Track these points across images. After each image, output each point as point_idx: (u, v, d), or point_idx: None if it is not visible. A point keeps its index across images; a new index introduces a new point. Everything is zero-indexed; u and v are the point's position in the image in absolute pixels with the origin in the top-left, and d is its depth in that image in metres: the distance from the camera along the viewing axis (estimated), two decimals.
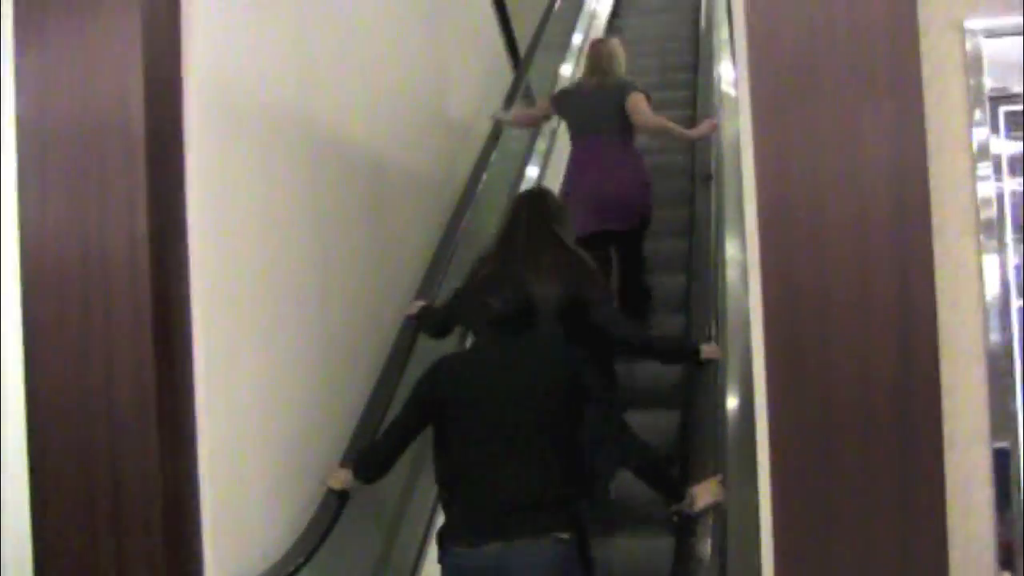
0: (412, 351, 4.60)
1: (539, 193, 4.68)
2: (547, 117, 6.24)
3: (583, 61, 6.23)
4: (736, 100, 6.00)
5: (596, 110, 5.54)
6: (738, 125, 5.21)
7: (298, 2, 3.97)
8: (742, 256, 5.00)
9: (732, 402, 4.03)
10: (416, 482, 4.47)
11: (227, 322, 3.28)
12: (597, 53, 5.81)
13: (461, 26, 6.47)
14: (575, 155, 5.64)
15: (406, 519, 4.43)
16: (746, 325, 3.56)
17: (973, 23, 2.47)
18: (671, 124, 5.66)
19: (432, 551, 3.51)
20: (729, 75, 6.43)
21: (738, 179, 5.51)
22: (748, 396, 3.40)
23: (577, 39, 8.37)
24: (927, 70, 2.46)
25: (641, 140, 5.77)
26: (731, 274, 4.86)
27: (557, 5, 8.33)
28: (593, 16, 9.10)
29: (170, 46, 3.12)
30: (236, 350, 3.33)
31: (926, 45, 2.46)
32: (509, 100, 6.86)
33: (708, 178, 5.49)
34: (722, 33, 6.90)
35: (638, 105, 5.42)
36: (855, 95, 2.44)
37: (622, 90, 5.50)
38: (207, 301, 3.15)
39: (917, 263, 2.42)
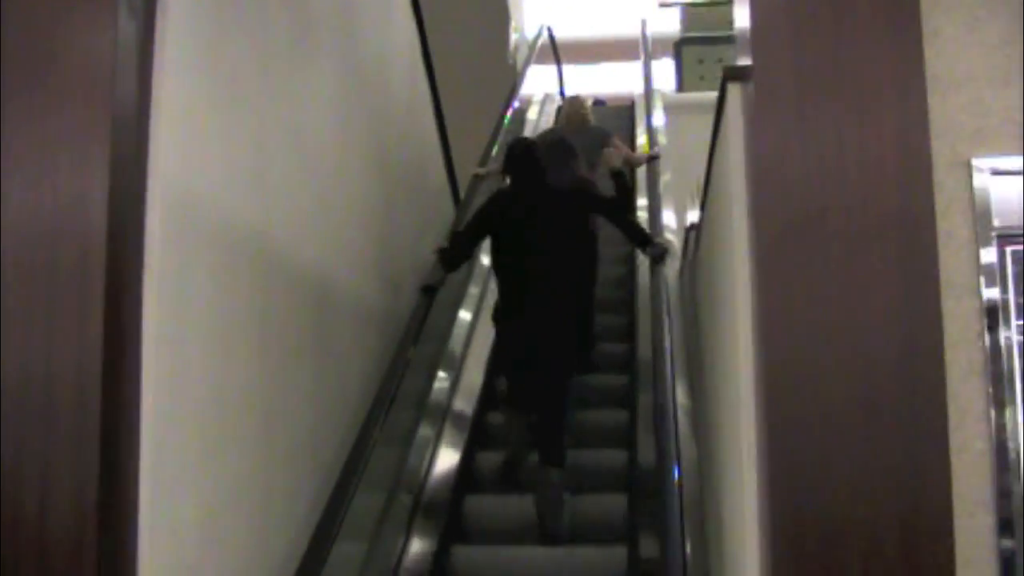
0: (352, 490, 4.40)
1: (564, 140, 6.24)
2: None
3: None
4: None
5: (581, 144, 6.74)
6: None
7: (259, 119, 3.86)
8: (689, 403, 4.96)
9: None
10: None
11: (174, 445, 3.10)
12: (576, 105, 7.58)
13: (408, 158, 6.43)
14: None
15: None
16: None
17: (980, 161, 2.45)
18: (635, 154, 7.92)
19: None
20: (671, 221, 6.88)
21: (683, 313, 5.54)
22: None
23: None
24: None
25: None
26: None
27: (495, 151, 8.38)
28: None
29: (137, 156, 2.98)
30: (182, 472, 3.14)
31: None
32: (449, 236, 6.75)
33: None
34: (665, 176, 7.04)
35: (617, 143, 7.24)
36: (864, 233, 2.39)
37: (605, 133, 7.29)
38: (156, 421, 2.95)
39: (929, 412, 2.34)
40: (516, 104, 10.00)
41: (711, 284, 3.85)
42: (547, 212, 5.24)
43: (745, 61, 2.66)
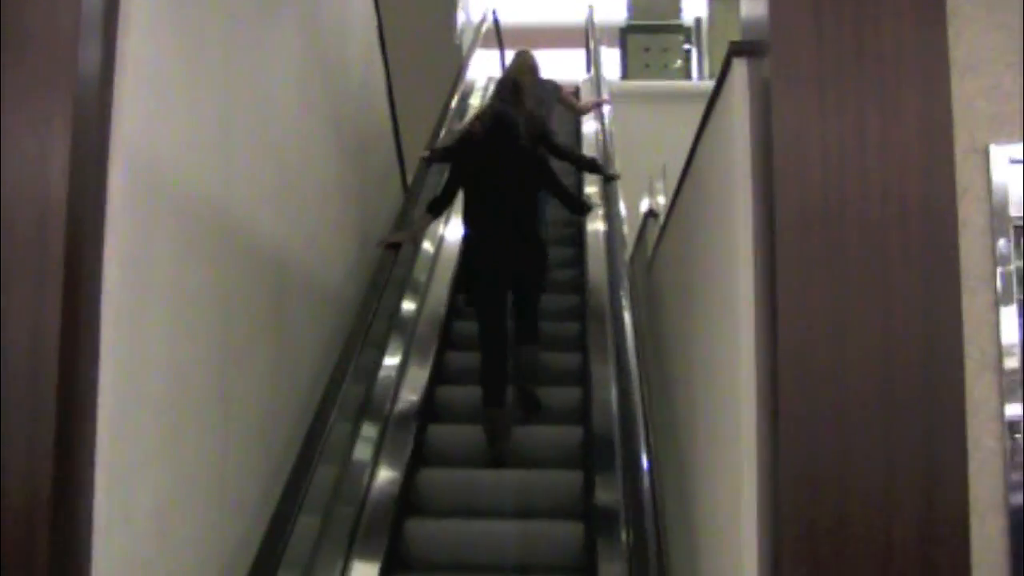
0: (310, 473, 4.23)
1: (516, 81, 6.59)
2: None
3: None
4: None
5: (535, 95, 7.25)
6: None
7: (224, 84, 3.68)
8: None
9: None
10: None
11: (132, 428, 2.92)
12: (527, 57, 7.90)
13: (361, 135, 6.25)
14: None
15: None
16: None
17: (999, 149, 2.37)
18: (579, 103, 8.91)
19: None
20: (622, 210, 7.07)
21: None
22: None
23: None
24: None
25: None
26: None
27: (442, 134, 8.23)
28: None
29: (100, 117, 2.79)
30: (138, 459, 2.97)
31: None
32: (399, 221, 6.58)
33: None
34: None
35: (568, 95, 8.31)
36: (884, 222, 2.29)
37: (555, 84, 8.07)
38: (114, 401, 2.77)
39: (947, 409, 2.25)
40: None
41: (689, 272, 3.74)
42: (513, 155, 5.80)
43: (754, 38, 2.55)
